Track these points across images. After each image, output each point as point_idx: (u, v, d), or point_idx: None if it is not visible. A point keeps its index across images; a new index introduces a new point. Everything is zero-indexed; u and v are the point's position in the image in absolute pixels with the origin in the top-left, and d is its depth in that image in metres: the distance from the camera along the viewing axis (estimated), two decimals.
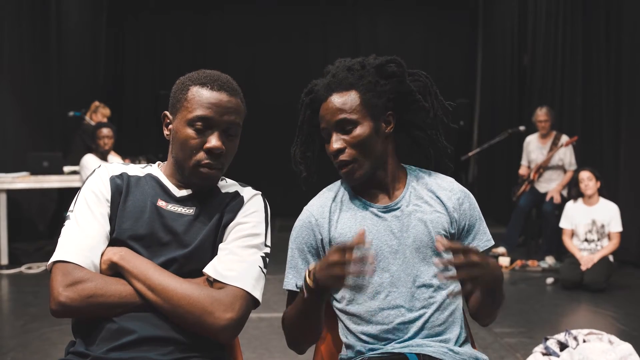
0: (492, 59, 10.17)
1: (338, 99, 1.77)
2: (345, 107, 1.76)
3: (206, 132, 1.66)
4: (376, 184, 1.85)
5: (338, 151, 1.78)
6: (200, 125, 1.65)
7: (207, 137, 1.66)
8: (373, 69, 1.81)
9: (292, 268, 1.86)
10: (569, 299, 5.44)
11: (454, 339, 1.77)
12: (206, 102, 1.66)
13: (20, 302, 5.37)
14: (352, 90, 1.77)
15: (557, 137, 6.96)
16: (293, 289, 1.84)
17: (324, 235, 1.83)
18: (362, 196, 1.86)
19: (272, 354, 3.88)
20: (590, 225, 5.84)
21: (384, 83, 1.80)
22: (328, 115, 1.79)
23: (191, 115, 1.65)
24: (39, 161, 6.90)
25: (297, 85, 8.74)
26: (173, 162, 1.73)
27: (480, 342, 4.00)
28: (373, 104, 1.78)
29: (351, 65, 1.82)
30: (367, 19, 10.94)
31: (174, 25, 10.70)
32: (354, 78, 1.78)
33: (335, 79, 1.80)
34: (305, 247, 1.85)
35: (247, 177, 1.98)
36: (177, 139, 1.68)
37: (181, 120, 1.67)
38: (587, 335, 3.37)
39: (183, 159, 1.68)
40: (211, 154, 1.66)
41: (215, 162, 1.67)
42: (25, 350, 3.94)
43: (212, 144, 1.65)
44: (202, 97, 1.66)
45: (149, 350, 1.53)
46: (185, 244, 1.66)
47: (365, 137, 1.76)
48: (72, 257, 1.58)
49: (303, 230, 1.86)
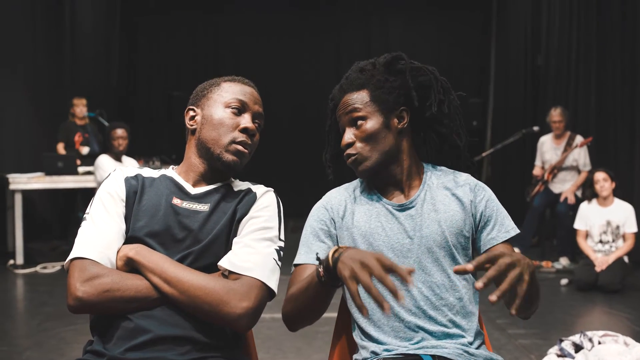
0: (506, 58, 10.13)
1: (349, 98, 1.83)
2: (356, 103, 1.81)
3: (240, 114, 1.78)
4: (391, 180, 1.86)
5: (347, 145, 1.83)
6: (237, 105, 1.77)
7: (242, 119, 1.77)
8: (382, 66, 1.85)
9: (304, 245, 1.86)
10: (583, 300, 5.41)
11: (468, 340, 1.76)
12: (240, 91, 1.80)
13: (35, 302, 5.41)
14: (363, 89, 1.83)
15: (572, 137, 6.92)
16: (302, 262, 1.81)
17: (337, 220, 1.86)
18: (379, 192, 1.88)
19: (285, 354, 3.89)
20: (605, 226, 5.81)
21: (393, 79, 1.83)
22: (341, 113, 1.85)
23: (228, 98, 1.78)
24: (53, 162, 6.95)
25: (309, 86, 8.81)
26: (195, 152, 1.80)
27: (494, 344, 3.99)
28: (383, 100, 1.81)
29: (363, 67, 1.87)
30: (379, 19, 10.93)
31: (186, 26, 10.74)
32: (365, 78, 1.83)
33: (347, 80, 1.86)
34: (317, 225, 1.86)
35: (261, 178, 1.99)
36: (210, 120, 1.77)
37: (215, 103, 1.79)
38: (603, 336, 3.35)
39: (217, 138, 1.75)
40: (246, 132, 1.76)
41: (249, 142, 1.77)
42: (40, 350, 3.97)
43: (248, 124, 1.76)
44: (237, 87, 1.81)
45: (166, 350, 1.54)
46: (200, 239, 1.68)
47: (374, 131, 1.80)
48: (88, 254, 1.60)
49: (319, 210, 1.89)
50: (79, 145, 7.62)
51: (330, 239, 1.85)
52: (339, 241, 1.85)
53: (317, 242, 1.84)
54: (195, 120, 1.81)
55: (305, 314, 1.75)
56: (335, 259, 1.51)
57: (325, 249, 1.82)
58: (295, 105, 10.45)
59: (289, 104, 10.28)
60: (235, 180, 1.87)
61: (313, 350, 3.91)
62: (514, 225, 1.85)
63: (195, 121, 1.81)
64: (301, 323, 1.79)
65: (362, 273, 1.41)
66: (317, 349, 3.91)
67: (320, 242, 1.84)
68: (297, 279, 1.78)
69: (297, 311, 1.75)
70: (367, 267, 1.41)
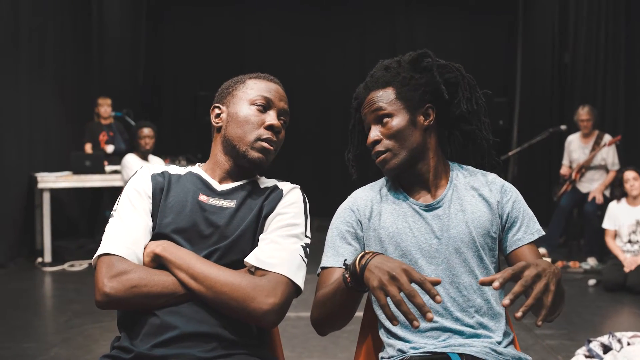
0: (533, 57, 10.04)
1: (375, 95, 1.82)
2: (381, 101, 1.81)
3: (265, 112, 1.78)
4: (417, 179, 1.85)
5: (374, 142, 1.82)
6: (262, 102, 1.78)
7: (267, 116, 1.77)
8: (408, 64, 1.85)
9: (331, 248, 1.84)
10: (611, 300, 5.35)
11: (496, 340, 1.74)
12: (266, 88, 1.81)
13: (63, 299, 5.47)
14: (388, 87, 1.82)
15: (600, 136, 6.84)
16: (330, 265, 1.80)
17: (363, 221, 1.84)
18: (406, 192, 1.86)
19: (311, 353, 3.89)
20: (635, 226, 5.73)
21: (418, 77, 1.82)
22: (366, 111, 1.84)
23: (254, 95, 1.78)
24: (81, 160, 7.03)
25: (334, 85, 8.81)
26: (222, 149, 1.80)
27: (521, 344, 3.94)
28: (409, 97, 1.80)
29: (388, 65, 1.87)
30: (404, 18, 10.89)
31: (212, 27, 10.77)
32: (390, 76, 1.83)
33: (372, 78, 1.86)
34: (344, 227, 1.84)
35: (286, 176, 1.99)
36: (236, 118, 1.77)
37: (240, 101, 1.79)
38: (632, 337, 3.30)
39: (243, 135, 1.75)
40: (272, 129, 1.76)
41: (275, 139, 1.77)
42: (68, 346, 4.01)
43: (274, 121, 1.77)
44: (262, 84, 1.82)
45: (192, 347, 1.55)
46: (227, 236, 1.68)
47: (401, 128, 1.79)
48: (115, 250, 1.61)
49: (346, 211, 1.88)
50: (103, 144, 7.70)
51: (357, 241, 1.84)
52: (366, 242, 1.84)
53: (344, 244, 1.83)
54: (220, 118, 1.81)
55: (333, 319, 1.74)
56: (362, 266, 1.48)
57: (352, 252, 1.81)
58: (320, 103, 10.45)
59: (314, 102, 10.28)
60: (261, 177, 1.87)
61: (339, 349, 3.90)
62: (540, 227, 1.83)
63: (220, 119, 1.81)
64: (330, 328, 1.78)
65: (392, 287, 1.39)
66: (342, 347, 3.90)
67: (347, 245, 1.83)
68: (324, 283, 1.77)
69: (325, 317, 1.73)
70: (396, 280, 1.39)
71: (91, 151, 7.57)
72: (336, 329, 1.78)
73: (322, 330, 1.79)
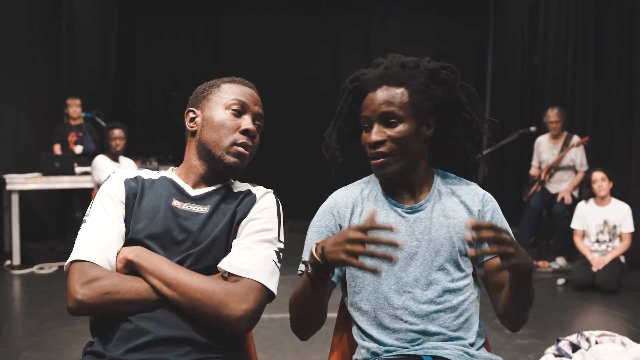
0: (503, 59, 10.14)
1: (387, 92, 1.78)
2: (393, 101, 1.77)
3: (240, 116, 1.78)
4: (405, 185, 1.85)
5: (377, 143, 1.77)
6: (237, 107, 1.77)
7: (242, 121, 1.77)
8: (427, 71, 1.81)
9: (309, 251, 1.85)
10: (580, 300, 5.43)
11: (470, 342, 1.76)
12: (241, 92, 1.81)
13: (32, 302, 5.40)
14: (402, 87, 1.78)
15: (569, 137, 6.94)
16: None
17: (343, 224, 1.84)
18: (389, 194, 1.86)
19: (284, 355, 3.89)
20: (602, 226, 5.82)
21: (434, 88, 1.80)
22: (374, 105, 1.78)
23: (229, 99, 1.78)
24: (50, 162, 6.95)
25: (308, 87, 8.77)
26: (196, 154, 1.79)
27: (492, 344, 3.97)
28: (420, 106, 1.78)
29: (405, 63, 1.82)
30: (378, 20, 10.93)
31: (185, 26, 10.72)
32: (407, 76, 1.78)
33: (388, 71, 1.80)
34: (324, 231, 1.85)
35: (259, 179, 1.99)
36: (211, 122, 1.77)
37: (215, 105, 1.78)
38: (600, 336, 3.36)
39: (218, 140, 1.75)
40: (247, 134, 1.75)
41: (249, 143, 1.76)
42: (38, 350, 3.96)
43: (249, 126, 1.76)
44: (237, 88, 1.81)
45: (166, 351, 1.55)
46: (200, 241, 1.68)
47: (407, 135, 1.76)
48: (88, 256, 1.60)
49: (325, 215, 1.88)
50: (72, 144, 7.60)
51: None
52: None
53: None
54: (195, 122, 1.81)
55: (308, 318, 1.77)
56: (321, 254, 1.54)
57: None
58: (294, 105, 10.43)
59: (288, 105, 10.26)
60: (234, 181, 1.86)
61: (311, 350, 3.91)
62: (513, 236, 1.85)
63: (195, 123, 1.81)
64: (309, 328, 1.82)
65: (356, 247, 1.47)
66: (315, 349, 3.91)
67: None
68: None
69: (300, 317, 1.78)
70: (354, 241, 1.48)
71: (60, 152, 7.47)
72: (314, 329, 1.82)
73: (302, 333, 1.83)
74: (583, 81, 7.76)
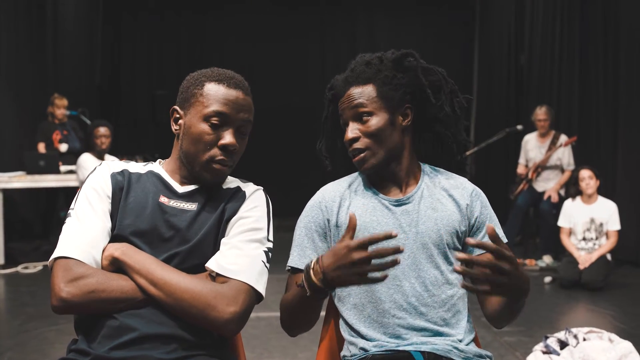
0: (489, 58, 10.16)
1: (355, 91, 1.80)
2: (361, 98, 1.78)
3: (221, 128, 1.67)
4: (390, 177, 1.85)
5: (352, 140, 1.80)
6: (216, 120, 1.65)
7: (222, 134, 1.66)
8: (390, 62, 1.83)
9: (297, 246, 1.84)
10: (567, 297, 5.44)
11: (459, 337, 1.76)
12: (223, 99, 1.67)
13: (17, 302, 5.34)
14: (369, 84, 1.80)
15: (556, 136, 6.96)
16: (295, 266, 1.81)
17: (331, 218, 1.84)
18: (376, 188, 1.86)
19: (271, 353, 3.87)
20: (589, 224, 5.84)
21: (400, 77, 1.81)
22: (345, 106, 1.82)
23: (208, 110, 1.66)
24: (35, 160, 6.87)
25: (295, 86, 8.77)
26: (180, 157, 1.73)
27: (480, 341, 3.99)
28: (389, 97, 1.79)
29: (370, 60, 1.84)
30: (364, 18, 10.93)
31: (170, 25, 10.66)
32: (372, 72, 1.80)
33: (353, 73, 1.83)
34: (312, 226, 1.84)
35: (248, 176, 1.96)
36: (190, 133, 1.68)
37: (196, 114, 1.67)
38: (587, 333, 3.36)
39: (195, 154, 1.67)
40: (226, 150, 1.67)
41: (228, 158, 1.68)
42: (22, 350, 3.92)
43: (228, 141, 1.66)
44: (219, 93, 1.67)
45: (152, 349, 1.52)
46: (188, 239, 1.65)
47: (380, 128, 1.78)
48: (73, 253, 1.56)
49: (313, 209, 1.87)
50: (57, 143, 7.53)
51: (325, 241, 1.84)
52: (334, 239, 1.83)
53: (311, 244, 1.83)
54: (179, 124, 1.73)
55: (300, 323, 1.78)
56: (322, 279, 1.49)
57: (319, 253, 1.81)
58: (281, 104, 10.38)
59: (275, 104, 10.21)
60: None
61: (299, 349, 3.89)
62: (503, 233, 1.83)
63: (179, 125, 1.73)
64: (299, 330, 1.81)
65: (362, 267, 1.44)
66: (303, 347, 3.89)
67: (314, 245, 1.83)
68: (291, 285, 1.80)
69: (292, 321, 1.78)
70: (357, 264, 1.44)
71: (45, 150, 7.40)
72: (305, 330, 1.81)
73: (291, 332, 1.83)
74: (569, 80, 7.80)
